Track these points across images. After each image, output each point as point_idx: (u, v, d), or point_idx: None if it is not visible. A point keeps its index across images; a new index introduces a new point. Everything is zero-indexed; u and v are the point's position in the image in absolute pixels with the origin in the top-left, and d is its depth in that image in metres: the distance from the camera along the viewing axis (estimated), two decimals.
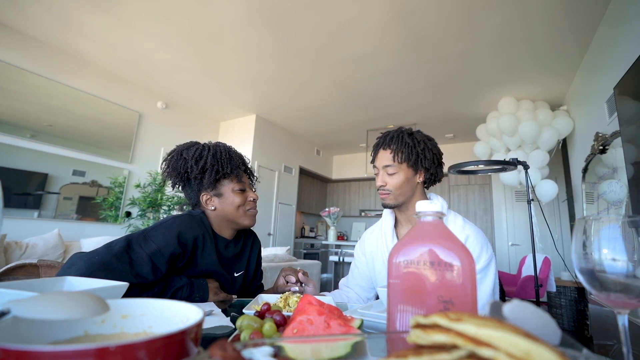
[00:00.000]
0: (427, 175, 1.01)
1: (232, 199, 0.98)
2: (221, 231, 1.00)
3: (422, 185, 1.03)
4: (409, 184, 0.98)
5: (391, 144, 0.98)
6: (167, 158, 1.00)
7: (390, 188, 0.98)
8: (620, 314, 0.35)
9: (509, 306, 0.29)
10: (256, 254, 1.13)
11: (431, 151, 1.00)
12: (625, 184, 1.96)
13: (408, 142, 0.97)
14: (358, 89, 3.90)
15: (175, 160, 0.98)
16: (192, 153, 0.97)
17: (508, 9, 2.46)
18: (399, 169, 0.97)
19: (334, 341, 0.29)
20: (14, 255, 2.56)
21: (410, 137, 0.99)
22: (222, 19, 2.70)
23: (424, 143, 0.99)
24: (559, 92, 3.67)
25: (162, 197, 3.65)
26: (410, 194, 1.00)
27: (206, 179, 0.95)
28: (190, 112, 4.72)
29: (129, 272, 0.76)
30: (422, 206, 0.40)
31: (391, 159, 0.97)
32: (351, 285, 1.16)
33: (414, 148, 0.97)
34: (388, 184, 0.98)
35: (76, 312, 0.26)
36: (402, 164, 0.97)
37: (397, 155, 0.96)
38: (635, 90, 1.76)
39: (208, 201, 0.98)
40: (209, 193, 0.97)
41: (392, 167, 0.97)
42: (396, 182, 0.97)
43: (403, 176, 0.97)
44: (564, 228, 4.59)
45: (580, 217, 0.50)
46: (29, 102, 3.06)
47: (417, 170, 0.99)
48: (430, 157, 0.99)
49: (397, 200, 0.99)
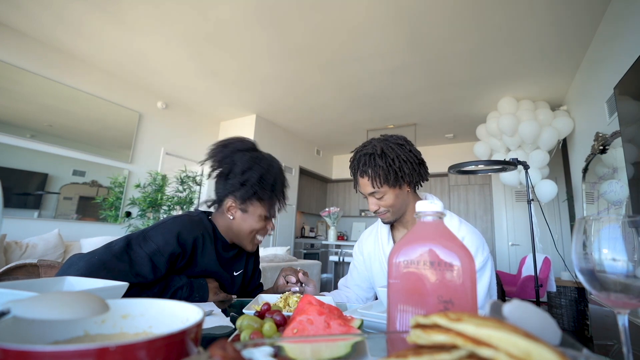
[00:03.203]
0: (412, 183, 0.99)
1: (252, 221, 0.96)
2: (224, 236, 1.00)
3: (412, 191, 1.02)
4: (399, 198, 0.98)
5: (367, 170, 0.96)
6: (220, 145, 0.96)
7: (385, 209, 0.98)
8: (620, 314, 0.35)
9: (509, 306, 0.29)
10: (255, 253, 1.13)
11: (408, 161, 0.95)
12: (625, 184, 1.96)
13: (381, 165, 0.94)
14: (358, 89, 3.90)
15: (224, 156, 0.95)
16: (244, 159, 0.94)
17: (508, 9, 2.46)
18: (384, 192, 0.96)
19: (334, 341, 0.29)
20: (14, 255, 2.56)
21: (382, 159, 0.94)
22: (222, 19, 2.70)
23: (397, 159, 0.94)
24: (559, 92, 3.67)
25: (162, 197, 3.66)
26: (406, 204, 1.00)
27: (241, 192, 0.93)
28: (190, 112, 4.72)
29: (128, 271, 0.76)
30: (422, 206, 0.40)
31: (371, 185, 0.96)
32: (350, 286, 1.16)
33: (390, 168, 0.94)
34: (381, 207, 0.98)
35: (76, 312, 0.26)
36: (384, 186, 0.95)
37: (376, 181, 0.94)
38: (636, 90, 1.76)
39: (231, 208, 0.96)
40: (236, 202, 0.95)
41: (377, 192, 0.96)
42: (387, 202, 0.97)
43: (391, 195, 0.96)
44: (564, 228, 4.59)
45: (580, 217, 0.50)
46: (29, 102, 3.06)
47: (401, 186, 0.97)
48: (408, 168, 0.95)
49: (396, 215, 1.00)
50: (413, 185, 1.00)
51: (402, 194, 0.98)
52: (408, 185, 0.98)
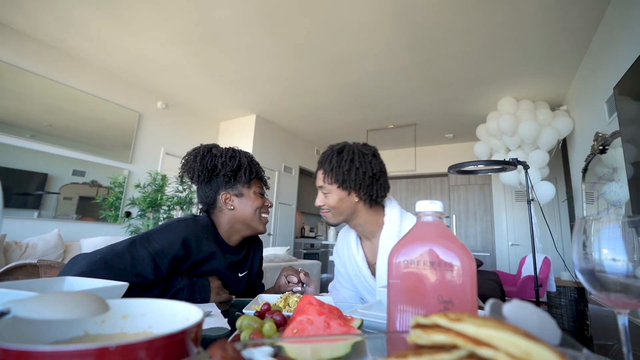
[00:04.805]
0: (360, 194, 0.95)
1: (252, 201, 0.99)
2: (229, 238, 1.00)
3: (364, 203, 0.97)
4: (344, 204, 0.96)
5: (324, 164, 0.96)
6: (193, 153, 1.00)
7: (327, 207, 0.97)
8: (620, 314, 0.35)
9: (509, 306, 0.29)
10: (259, 255, 1.14)
11: (359, 170, 0.92)
12: (625, 184, 1.96)
13: (334, 163, 0.93)
14: (358, 89, 3.90)
15: (202, 156, 0.97)
16: (223, 151, 0.99)
17: (508, 9, 2.46)
18: (331, 190, 0.95)
19: (334, 341, 0.29)
20: (14, 255, 2.56)
21: (338, 157, 0.94)
22: (222, 18, 2.70)
23: (349, 163, 0.92)
24: (558, 92, 3.67)
25: (162, 197, 3.65)
26: (350, 212, 0.97)
27: (230, 182, 0.97)
28: (190, 112, 4.72)
29: (129, 271, 0.76)
30: (422, 206, 0.40)
31: (322, 180, 0.96)
32: (338, 288, 1.17)
33: (339, 169, 0.92)
34: (325, 204, 0.97)
35: (76, 312, 0.26)
36: (333, 185, 0.94)
37: (327, 177, 0.94)
38: (635, 90, 1.76)
39: (227, 200, 0.98)
40: (230, 192, 0.98)
41: (324, 188, 0.96)
42: (331, 202, 0.96)
43: (336, 197, 0.95)
44: (564, 228, 4.59)
45: (580, 217, 0.50)
46: (29, 102, 3.06)
47: (349, 192, 0.94)
48: (357, 177, 0.92)
49: (336, 219, 0.99)
50: (361, 198, 0.95)
51: (348, 200, 0.95)
52: (357, 194, 0.95)
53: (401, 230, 0.96)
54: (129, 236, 0.99)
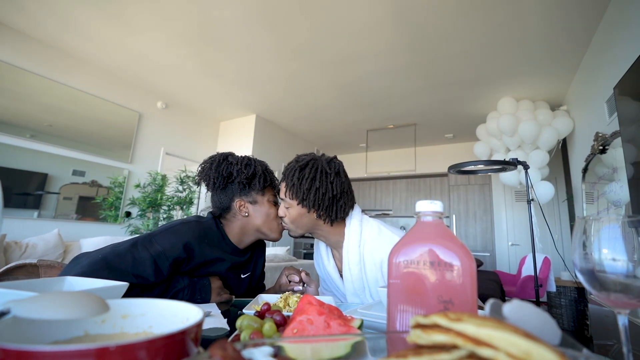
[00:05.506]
0: (319, 213, 0.93)
1: (267, 209, 1.00)
2: (239, 242, 1.00)
3: (324, 222, 0.96)
4: (304, 219, 0.94)
5: (285, 179, 0.95)
6: (209, 160, 1.01)
7: (287, 220, 0.97)
8: (620, 314, 0.35)
9: (509, 306, 0.29)
10: (262, 258, 1.15)
11: (319, 190, 0.90)
12: (626, 184, 1.96)
13: (295, 180, 0.92)
14: (358, 89, 3.90)
15: (218, 163, 0.98)
16: (238, 159, 1.00)
17: (508, 9, 2.46)
18: (292, 205, 0.94)
19: (334, 341, 0.29)
20: (14, 255, 2.56)
21: (300, 174, 0.92)
22: (222, 18, 2.70)
23: (310, 182, 0.91)
24: (558, 92, 3.67)
25: (162, 197, 3.66)
26: (310, 227, 0.97)
27: (245, 189, 0.98)
28: (190, 112, 4.72)
29: (129, 271, 0.76)
30: (422, 206, 0.40)
31: (284, 193, 0.95)
32: (325, 292, 1.17)
33: (300, 187, 0.91)
34: (285, 216, 0.96)
35: (76, 312, 0.26)
36: (294, 200, 0.93)
37: (288, 192, 0.93)
38: (636, 90, 1.76)
39: (241, 207, 0.98)
40: (244, 200, 0.98)
41: (284, 202, 0.95)
42: (290, 216, 0.95)
43: (296, 211, 0.94)
44: (564, 228, 4.59)
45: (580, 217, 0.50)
46: (29, 102, 3.06)
47: (308, 209, 0.93)
48: (317, 198, 0.91)
49: (296, 232, 0.98)
50: (321, 216, 0.94)
51: (308, 217, 0.94)
52: (316, 213, 0.93)
53: (362, 240, 0.95)
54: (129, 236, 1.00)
